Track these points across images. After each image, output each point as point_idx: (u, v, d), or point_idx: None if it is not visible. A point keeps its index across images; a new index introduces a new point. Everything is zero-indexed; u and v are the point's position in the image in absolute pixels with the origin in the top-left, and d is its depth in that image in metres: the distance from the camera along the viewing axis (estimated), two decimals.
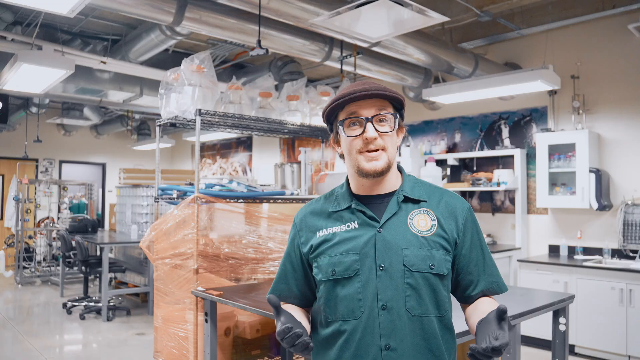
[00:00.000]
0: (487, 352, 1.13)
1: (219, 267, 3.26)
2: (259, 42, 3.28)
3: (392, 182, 1.42)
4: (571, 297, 2.95)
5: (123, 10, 3.65)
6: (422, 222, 1.37)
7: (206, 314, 2.97)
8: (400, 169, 1.48)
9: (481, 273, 1.43)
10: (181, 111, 3.24)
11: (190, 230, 3.15)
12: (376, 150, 1.35)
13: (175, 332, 3.29)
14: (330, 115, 1.43)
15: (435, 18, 3.12)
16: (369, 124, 1.34)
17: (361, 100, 1.35)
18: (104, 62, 5.33)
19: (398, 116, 1.39)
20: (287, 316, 1.28)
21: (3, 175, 10.39)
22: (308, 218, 1.48)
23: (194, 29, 4.11)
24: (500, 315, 1.18)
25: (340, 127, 1.38)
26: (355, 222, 1.39)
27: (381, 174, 1.36)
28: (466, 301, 1.45)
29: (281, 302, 1.44)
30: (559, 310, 2.93)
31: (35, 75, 4.49)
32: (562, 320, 2.93)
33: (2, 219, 10.06)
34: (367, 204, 1.40)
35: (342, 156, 1.44)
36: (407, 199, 1.40)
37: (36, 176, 10.72)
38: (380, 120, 1.36)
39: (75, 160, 11.59)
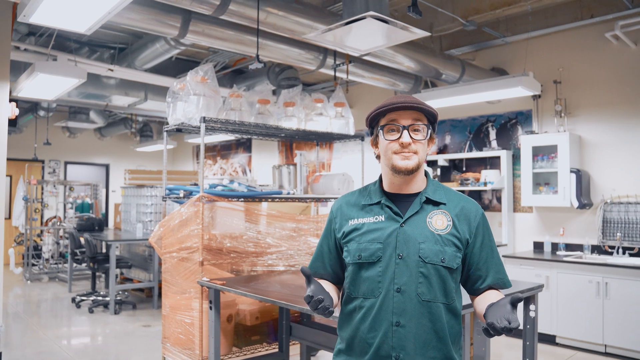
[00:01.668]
0: (503, 330, 1.35)
1: (222, 259, 3.58)
2: (257, 56, 3.60)
3: (418, 184, 1.63)
4: (540, 287, 3.25)
5: (132, 25, 3.96)
6: (439, 221, 1.58)
7: (210, 302, 3.29)
8: (426, 174, 1.69)
9: (490, 270, 1.63)
10: (187, 118, 3.56)
11: (195, 227, 3.47)
12: (409, 152, 1.56)
13: (182, 319, 3.61)
14: (373, 120, 1.64)
15: (418, 34, 3.43)
16: (405, 131, 1.56)
17: (401, 111, 1.57)
18: (112, 70, 5.65)
19: (430, 128, 1.62)
20: (315, 285, 1.53)
21: (11, 176, 10.71)
22: (344, 207, 1.70)
23: (197, 41, 4.43)
24: (514, 302, 1.40)
25: (380, 132, 1.60)
26: (383, 215, 1.61)
27: (411, 172, 1.57)
28: (474, 293, 1.66)
29: (316, 278, 1.71)
30: (529, 298, 3.24)
31: (50, 84, 4.81)
32: (532, 307, 3.23)
33: (10, 218, 10.38)
34: (394, 201, 1.62)
35: (378, 157, 1.66)
36: (428, 201, 1.61)
37: (42, 177, 11.06)
38: (415, 130, 1.57)
39: (80, 161, 11.92)
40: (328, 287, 1.69)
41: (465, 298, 1.74)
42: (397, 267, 1.55)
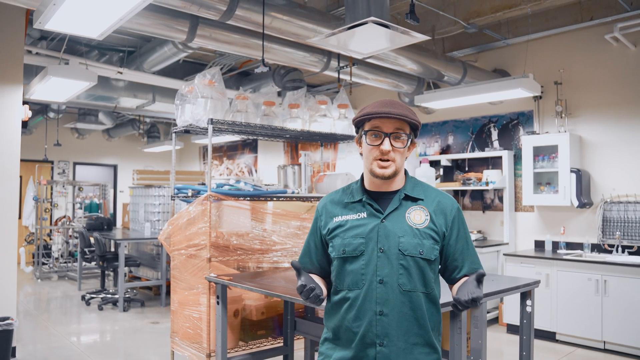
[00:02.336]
0: (467, 303, 1.53)
1: (228, 256, 3.70)
2: (263, 60, 3.72)
3: (397, 183, 1.75)
4: (536, 282, 3.35)
5: (142, 30, 4.09)
6: (417, 216, 1.69)
7: (218, 297, 3.41)
8: (405, 172, 1.80)
9: (465, 260, 1.74)
10: (195, 120, 3.69)
11: (203, 225, 3.60)
12: (387, 160, 1.68)
13: (190, 314, 3.73)
14: (359, 122, 1.75)
15: (418, 37, 3.54)
16: (386, 139, 1.67)
17: (385, 119, 1.68)
18: (121, 72, 5.79)
19: (412, 136, 1.73)
20: (305, 276, 1.68)
21: (21, 177, 10.90)
22: (328, 206, 1.81)
23: (204, 45, 4.56)
24: (479, 278, 1.58)
25: (364, 136, 1.72)
26: (365, 212, 1.72)
27: (388, 178, 1.70)
28: (452, 282, 1.78)
29: (304, 271, 1.82)
30: (526, 293, 3.34)
31: (62, 87, 4.96)
32: (528, 302, 3.33)
33: (20, 218, 10.56)
34: (375, 199, 1.73)
35: (361, 154, 1.78)
36: (407, 197, 1.73)
37: (52, 177, 11.25)
38: (396, 138, 1.68)
39: (88, 162, 12.09)
40: (317, 279, 1.81)
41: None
42: (379, 260, 1.65)
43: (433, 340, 1.70)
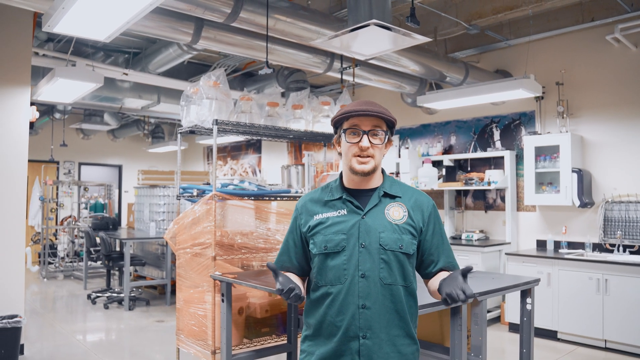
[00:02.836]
0: (460, 299, 1.55)
1: (233, 255, 3.76)
2: (267, 62, 3.78)
3: (375, 181, 1.80)
4: (536, 281, 3.40)
5: (148, 32, 4.16)
6: (396, 212, 1.75)
7: (222, 295, 3.47)
8: (383, 171, 1.84)
9: (441, 255, 1.81)
10: (200, 121, 3.75)
11: (208, 224, 3.66)
12: (367, 157, 1.73)
13: (195, 312, 3.79)
14: (338, 122, 1.80)
15: (420, 39, 3.60)
16: (365, 136, 1.72)
17: (363, 117, 1.73)
18: (126, 74, 5.86)
19: (388, 134, 1.78)
20: (283, 277, 1.71)
21: (27, 177, 10.99)
22: (308, 204, 1.85)
23: (209, 47, 4.62)
24: (464, 273, 1.61)
25: (343, 134, 1.76)
26: (345, 209, 1.76)
27: (368, 174, 1.74)
28: (427, 276, 1.84)
29: (283, 271, 1.86)
30: (526, 291, 3.39)
31: (69, 88, 5.03)
32: (528, 300, 3.38)
33: (26, 217, 10.65)
34: (354, 196, 1.78)
35: (340, 154, 1.82)
36: (386, 194, 1.78)
37: (58, 177, 11.34)
38: (374, 135, 1.73)
39: (94, 162, 12.18)
40: (294, 278, 1.84)
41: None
42: (361, 255, 1.70)
43: (413, 331, 1.76)
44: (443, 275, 1.78)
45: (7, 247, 4.71)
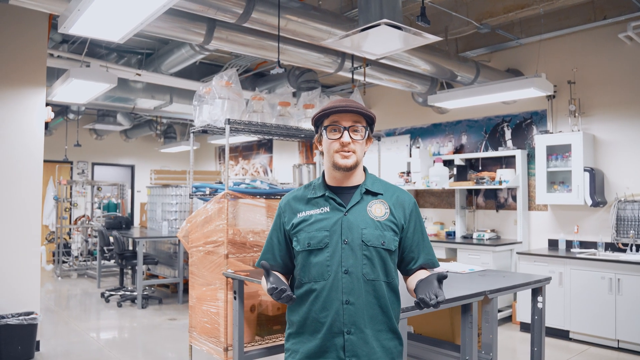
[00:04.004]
0: (432, 304, 1.55)
1: (245, 253, 3.80)
2: (278, 62, 3.81)
3: (357, 178, 1.82)
4: (547, 279, 3.40)
5: (160, 33, 4.21)
6: (378, 210, 1.77)
7: (235, 293, 3.51)
8: (364, 169, 1.86)
9: (421, 252, 1.83)
10: (213, 120, 3.80)
11: (221, 222, 3.70)
12: (348, 152, 1.74)
13: (208, 309, 3.84)
14: (318, 121, 1.81)
15: (430, 38, 3.61)
16: (345, 132, 1.74)
17: (342, 113, 1.75)
18: (139, 74, 5.93)
19: (368, 129, 1.80)
20: (275, 277, 1.72)
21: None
22: (291, 202, 1.86)
23: (220, 47, 4.66)
24: (440, 279, 1.62)
25: (324, 131, 1.77)
26: (327, 207, 1.78)
27: (350, 169, 1.76)
28: (407, 273, 1.86)
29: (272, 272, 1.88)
30: (537, 290, 3.39)
31: (83, 89, 5.11)
32: (539, 299, 3.38)
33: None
34: (337, 193, 1.79)
35: (321, 153, 1.83)
36: (368, 192, 1.80)
37: (71, 177, 11.48)
38: (355, 130, 1.75)
39: (106, 162, 12.32)
40: (282, 277, 1.85)
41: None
42: (344, 252, 1.72)
43: (396, 326, 1.78)
44: (421, 274, 1.80)
45: (23, 246, 4.79)
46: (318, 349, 1.72)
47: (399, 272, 1.87)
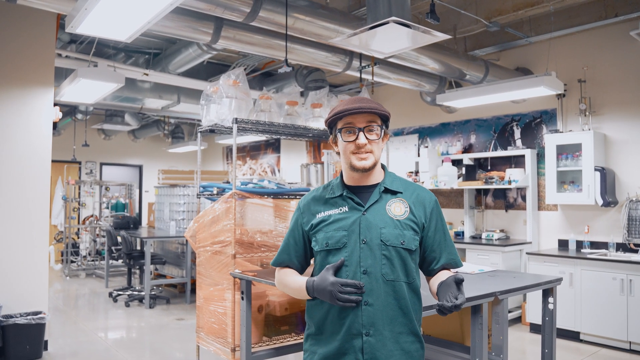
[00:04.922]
0: (452, 309, 1.52)
1: (252, 253, 3.78)
2: (286, 60, 3.79)
3: (376, 177, 1.79)
4: (558, 280, 3.35)
5: (167, 32, 4.20)
6: (397, 208, 1.74)
7: (242, 293, 3.49)
8: (383, 167, 1.83)
9: (443, 251, 1.79)
10: (220, 119, 3.78)
11: (228, 222, 3.68)
12: (366, 153, 1.72)
13: (215, 310, 3.82)
14: (332, 123, 1.79)
15: (439, 37, 3.57)
16: (361, 133, 1.70)
17: (356, 114, 1.72)
18: (147, 74, 5.93)
19: (384, 127, 1.76)
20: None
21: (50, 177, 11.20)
22: (310, 203, 1.84)
23: (228, 46, 4.65)
24: (458, 282, 1.58)
25: (339, 134, 1.75)
26: (346, 206, 1.75)
27: (368, 170, 1.74)
28: (430, 274, 1.82)
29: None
30: (548, 291, 3.34)
31: (91, 88, 5.11)
32: (550, 300, 3.34)
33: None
34: (355, 193, 1.77)
35: (338, 154, 1.81)
36: (387, 190, 1.77)
37: (80, 177, 11.53)
38: (370, 130, 1.72)
39: (114, 162, 12.36)
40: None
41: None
42: (362, 252, 1.68)
43: (417, 328, 1.74)
44: (443, 275, 1.76)
45: (31, 246, 4.80)
46: (336, 351, 1.69)
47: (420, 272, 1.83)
